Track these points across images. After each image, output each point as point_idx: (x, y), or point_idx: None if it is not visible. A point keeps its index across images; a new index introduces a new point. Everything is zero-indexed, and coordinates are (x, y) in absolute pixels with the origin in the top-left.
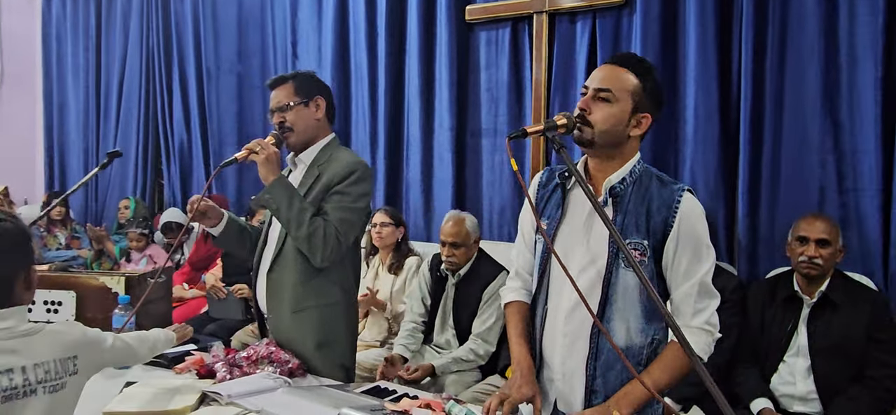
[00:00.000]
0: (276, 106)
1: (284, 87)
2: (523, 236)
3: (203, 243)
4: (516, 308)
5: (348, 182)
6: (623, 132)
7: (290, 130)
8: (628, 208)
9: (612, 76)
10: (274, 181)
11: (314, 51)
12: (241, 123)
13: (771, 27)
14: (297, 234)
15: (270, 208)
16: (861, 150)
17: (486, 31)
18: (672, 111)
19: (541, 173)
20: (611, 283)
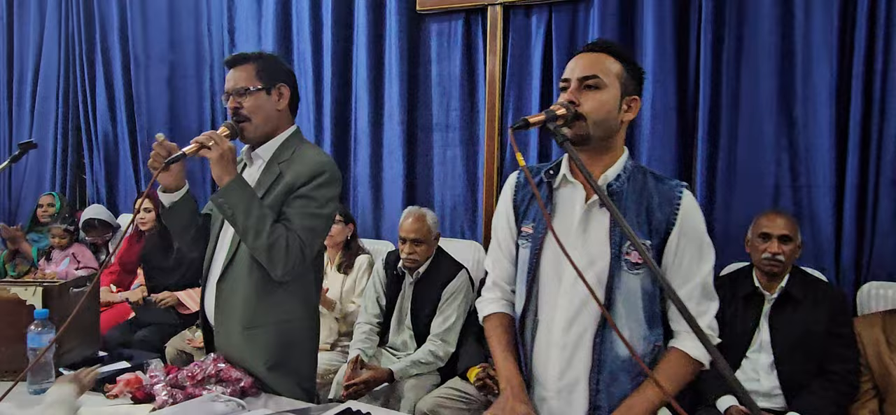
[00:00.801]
0: (233, 88)
1: (244, 67)
2: (500, 244)
3: (135, 243)
4: (499, 320)
5: (314, 184)
6: (616, 119)
7: (248, 119)
8: (627, 207)
9: (595, 62)
10: (229, 183)
11: (253, 39)
12: (174, 114)
13: (728, 26)
14: (255, 244)
15: (224, 214)
16: (815, 147)
17: (437, 22)
18: None
19: (516, 174)
20: (613, 287)
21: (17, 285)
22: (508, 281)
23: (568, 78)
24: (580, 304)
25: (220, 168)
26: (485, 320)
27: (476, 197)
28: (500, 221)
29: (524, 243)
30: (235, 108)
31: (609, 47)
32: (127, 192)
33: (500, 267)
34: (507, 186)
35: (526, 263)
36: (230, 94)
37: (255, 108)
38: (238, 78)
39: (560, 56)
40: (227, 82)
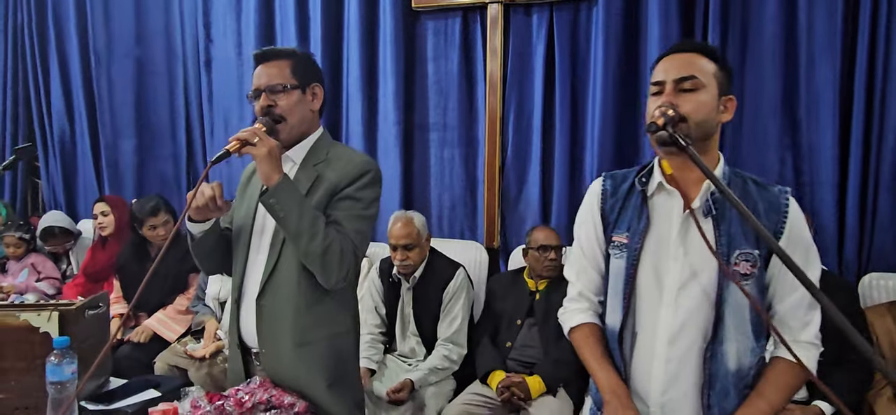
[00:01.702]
0: (266, 85)
1: (277, 63)
2: (584, 253)
3: (100, 250)
4: (590, 331)
5: (360, 185)
6: (715, 121)
7: (282, 119)
8: (731, 214)
9: (690, 63)
10: (280, 182)
11: (232, 34)
12: (142, 113)
13: (732, 27)
14: (309, 248)
15: (275, 216)
16: (818, 145)
17: (433, 20)
18: (633, 108)
19: (600, 181)
20: (722, 299)
21: (28, 310)
22: (596, 292)
23: (661, 80)
24: (685, 316)
25: (269, 166)
26: (573, 331)
27: (476, 197)
28: (586, 231)
29: (618, 254)
30: (268, 106)
31: (700, 47)
32: (87, 196)
33: (586, 277)
34: (592, 194)
35: (621, 275)
36: (261, 91)
37: (290, 107)
38: (271, 74)
39: (562, 56)
40: (256, 78)
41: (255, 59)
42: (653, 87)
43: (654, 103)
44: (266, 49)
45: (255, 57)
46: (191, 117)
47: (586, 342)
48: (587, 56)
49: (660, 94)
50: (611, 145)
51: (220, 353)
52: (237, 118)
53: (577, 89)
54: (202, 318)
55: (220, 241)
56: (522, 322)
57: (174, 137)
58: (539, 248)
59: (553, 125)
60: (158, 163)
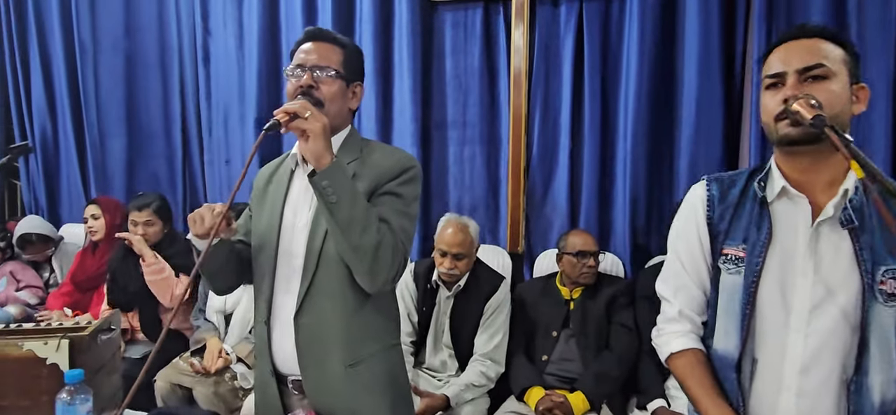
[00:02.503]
0: (314, 64)
1: (331, 47)
2: (685, 267)
3: (90, 256)
4: (696, 358)
5: (402, 180)
6: (848, 113)
7: (321, 105)
8: (870, 225)
9: (814, 50)
10: (334, 163)
11: (234, 26)
12: (132, 110)
13: (778, 19)
14: (361, 241)
15: (326, 202)
16: (869, 140)
17: (452, 12)
18: (670, 102)
19: (703, 185)
20: (867, 322)
21: (32, 338)
22: (699, 312)
23: (780, 72)
24: (820, 342)
25: (322, 145)
26: (675, 358)
27: (498, 199)
28: (688, 241)
29: (732, 269)
30: (309, 86)
31: (822, 31)
32: (72, 199)
33: (687, 294)
34: (696, 199)
35: (737, 293)
36: (306, 68)
37: (332, 95)
38: (321, 55)
39: (592, 50)
40: (302, 54)
41: (307, 34)
42: (768, 80)
43: (773, 97)
44: (320, 28)
45: (308, 33)
46: (187, 115)
47: (693, 372)
48: (619, 50)
49: (777, 86)
50: (645, 144)
51: (228, 369)
52: (238, 116)
53: (608, 85)
54: (203, 334)
55: (231, 256)
56: (558, 334)
57: (168, 136)
58: (577, 254)
59: (582, 123)
60: (150, 163)
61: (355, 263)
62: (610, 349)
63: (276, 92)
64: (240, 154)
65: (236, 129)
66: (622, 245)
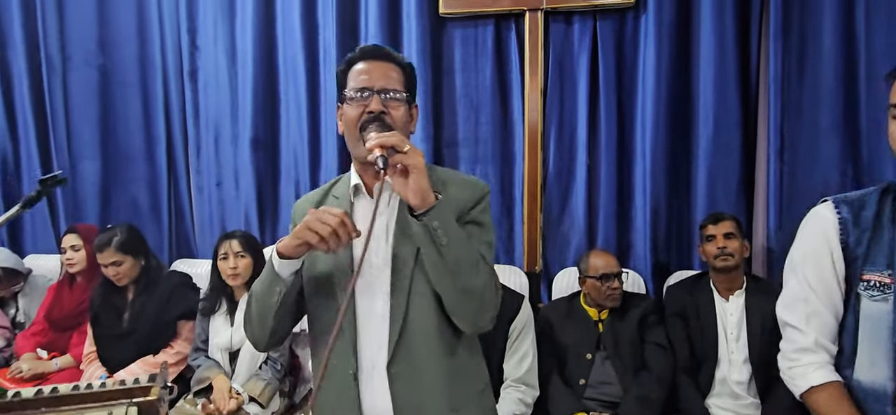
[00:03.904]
0: (382, 87)
1: (393, 66)
2: (816, 293)
3: (68, 290)
4: (840, 391)
5: (482, 208)
6: None
7: (391, 129)
8: None
9: None
10: (441, 202)
11: (225, 41)
12: (108, 130)
13: (792, 36)
14: (470, 282)
15: (437, 243)
16: (879, 159)
17: (461, 28)
18: (686, 118)
19: (831, 207)
20: None
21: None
22: (833, 339)
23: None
24: None
25: (427, 181)
26: (815, 391)
27: (513, 217)
28: (819, 266)
29: (876, 296)
30: (382, 112)
31: None
32: (36, 229)
33: (820, 322)
34: (826, 224)
35: (884, 322)
36: (373, 91)
37: (400, 120)
38: (387, 76)
39: (607, 67)
40: (363, 75)
41: (365, 53)
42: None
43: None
44: (379, 46)
45: (366, 51)
46: (172, 136)
47: (841, 407)
48: (634, 67)
49: None
50: (663, 160)
51: (240, 410)
52: (230, 136)
53: (624, 102)
54: (206, 373)
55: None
56: (593, 356)
57: (151, 159)
58: (601, 277)
59: (598, 139)
60: (129, 188)
61: (461, 306)
62: (647, 370)
63: (271, 110)
64: (232, 176)
65: (228, 149)
66: (643, 262)
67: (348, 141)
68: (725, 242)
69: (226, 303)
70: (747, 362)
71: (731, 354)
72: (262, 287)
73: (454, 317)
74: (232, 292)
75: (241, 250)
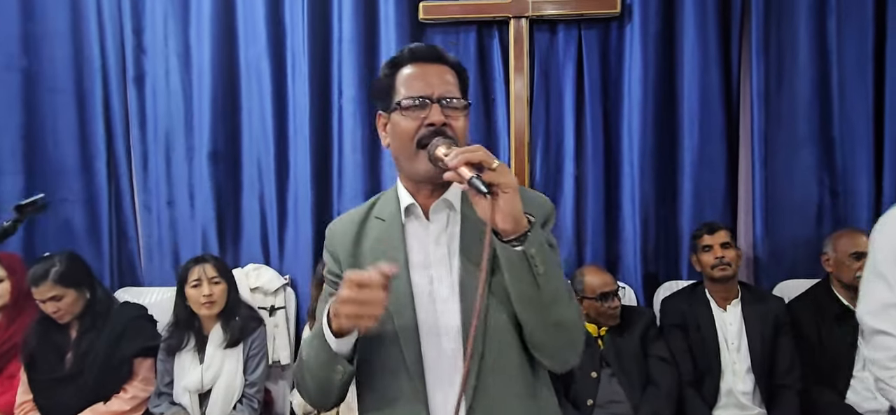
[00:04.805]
0: (443, 95)
1: (450, 70)
2: None
3: None
4: None
5: (550, 227)
6: None
7: (454, 142)
8: None
9: None
10: (535, 226)
11: (177, 42)
12: (34, 142)
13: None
14: (564, 315)
15: (535, 274)
16: (853, 167)
17: (442, 34)
18: (672, 128)
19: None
20: None
21: None
22: None
23: None
24: None
25: (519, 201)
26: None
27: None
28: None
29: None
30: (444, 124)
31: None
32: None
33: None
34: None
35: None
36: (434, 100)
37: (461, 132)
38: (447, 81)
39: (592, 76)
40: (418, 81)
41: (417, 54)
42: None
43: None
44: (433, 46)
45: (418, 53)
46: (114, 148)
47: None
48: (620, 77)
49: None
50: (651, 171)
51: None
52: (183, 149)
53: (610, 112)
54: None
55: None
56: (598, 375)
57: (88, 175)
58: (600, 297)
59: (584, 149)
60: (61, 209)
61: (552, 341)
62: (654, 385)
63: (232, 120)
64: (186, 193)
65: (181, 163)
66: (633, 273)
67: (400, 156)
68: (723, 252)
69: (194, 338)
70: (750, 372)
71: (733, 364)
72: (318, 363)
73: (540, 353)
74: (200, 325)
75: (215, 276)
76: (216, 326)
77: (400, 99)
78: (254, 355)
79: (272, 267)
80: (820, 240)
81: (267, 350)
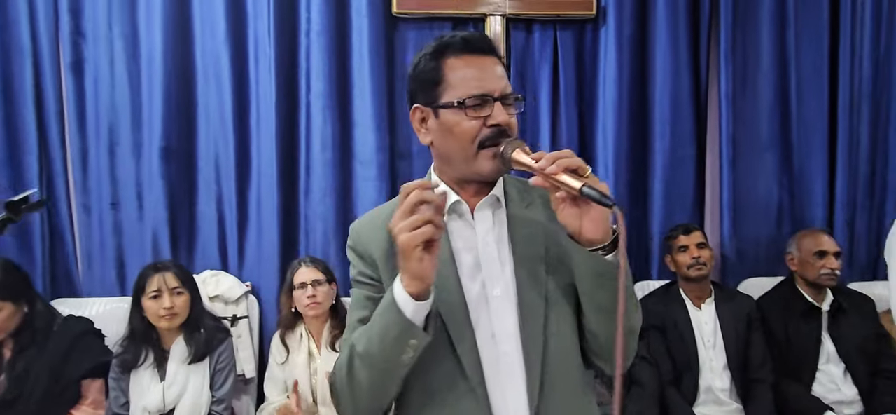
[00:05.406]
0: (503, 91)
1: (498, 62)
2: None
3: None
4: None
5: None
6: None
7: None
8: None
9: None
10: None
11: (123, 26)
12: None
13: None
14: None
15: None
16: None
17: (416, 30)
18: (643, 131)
19: None
20: None
21: None
22: None
23: None
24: None
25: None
26: None
27: None
28: None
29: None
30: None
31: None
32: None
33: None
34: None
35: None
36: (495, 98)
37: (515, 133)
38: (502, 77)
39: (567, 79)
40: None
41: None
42: None
43: None
44: (480, 35)
45: (472, 43)
46: (48, 143)
47: None
48: (594, 79)
49: None
50: (625, 173)
51: None
52: (130, 145)
53: (585, 113)
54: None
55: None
56: None
57: (16, 171)
58: None
59: None
60: None
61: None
62: (639, 385)
63: (187, 115)
64: (133, 193)
65: (128, 160)
66: None
67: (455, 155)
68: (699, 252)
69: (152, 353)
70: (726, 368)
71: (711, 361)
72: (384, 347)
73: (605, 361)
74: (159, 339)
75: (177, 286)
76: (178, 339)
77: (457, 96)
78: (221, 370)
79: (231, 273)
80: (780, 239)
81: (235, 364)
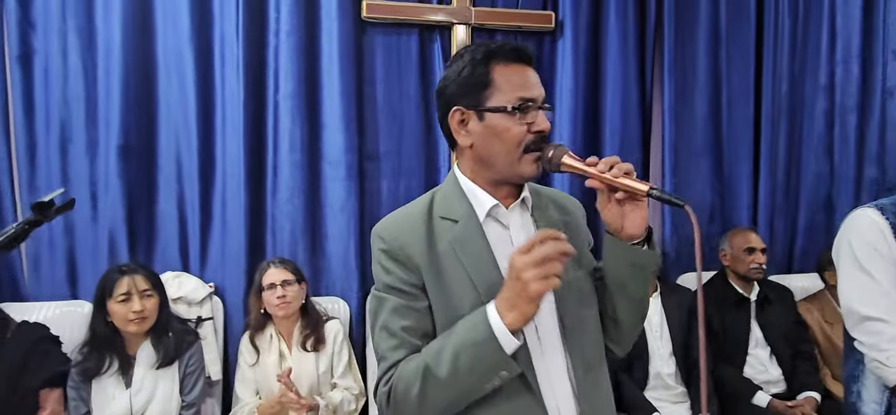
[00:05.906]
0: (543, 99)
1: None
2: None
3: None
4: None
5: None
6: None
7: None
8: None
9: None
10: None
11: (78, 21)
12: None
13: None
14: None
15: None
16: (737, 176)
17: (383, 35)
18: (595, 139)
19: (877, 215)
20: None
21: None
22: None
23: None
24: None
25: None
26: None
27: None
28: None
29: None
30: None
31: None
32: None
33: None
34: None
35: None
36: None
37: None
38: (542, 86)
39: None
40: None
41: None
42: None
43: None
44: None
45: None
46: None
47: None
48: (551, 88)
49: None
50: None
51: None
52: (84, 142)
53: None
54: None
55: None
56: None
57: None
58: None
59: None
60: None
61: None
62: None
63: (147, 112)
64: (87, 192)
65: (81, 158)
66: None
67: (498, 158)
68: None
69: (117, 359)
70: (672, 355)
71: (658, 349)
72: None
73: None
74: (124, 344)
75: (147, 288)
76: (144, 344)
77: (507, 102)
78: (191, 373)
79: (193, 274)
80: (711, 237)
81: (204, 366)
